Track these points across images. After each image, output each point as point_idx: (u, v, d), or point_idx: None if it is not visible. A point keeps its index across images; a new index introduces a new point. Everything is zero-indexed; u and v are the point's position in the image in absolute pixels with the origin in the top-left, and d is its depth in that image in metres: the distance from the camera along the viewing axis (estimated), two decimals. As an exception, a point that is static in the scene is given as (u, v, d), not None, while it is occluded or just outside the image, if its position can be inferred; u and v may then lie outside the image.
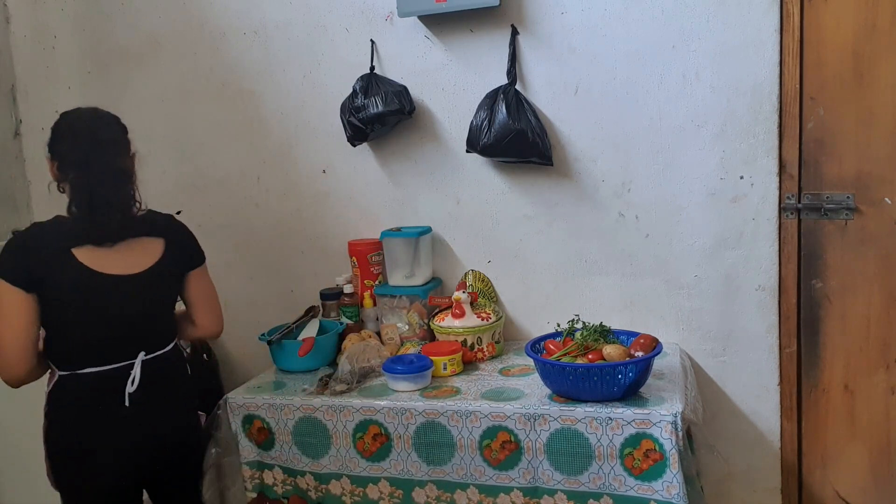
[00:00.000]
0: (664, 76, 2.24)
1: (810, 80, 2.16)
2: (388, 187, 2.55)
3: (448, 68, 2.42)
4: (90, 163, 1.74)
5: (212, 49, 2.65)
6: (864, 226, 2.18)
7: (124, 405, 1.76)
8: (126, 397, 1.76)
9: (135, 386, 1.77)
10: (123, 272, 1.76)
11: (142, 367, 1.79)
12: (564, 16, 2.30)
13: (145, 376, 1.79)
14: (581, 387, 1.89)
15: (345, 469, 2.05)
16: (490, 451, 1.94)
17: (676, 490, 1.81)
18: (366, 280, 2.48)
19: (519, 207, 2.43)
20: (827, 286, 2.23)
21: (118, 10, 2.74)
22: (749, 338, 2.28)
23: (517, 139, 2.24)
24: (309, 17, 2.53)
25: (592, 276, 2.40)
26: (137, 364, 1.79)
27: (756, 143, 2.20)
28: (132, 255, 1.79)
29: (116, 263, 1.76)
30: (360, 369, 2.17)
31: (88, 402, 1.76)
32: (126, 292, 1.77)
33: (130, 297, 1.78)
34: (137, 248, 1.80)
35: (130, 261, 1.78)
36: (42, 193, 2.95)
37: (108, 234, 1.75)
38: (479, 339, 2.28)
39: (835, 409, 2.27)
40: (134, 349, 1.80)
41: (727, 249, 2.26)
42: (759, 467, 2.34)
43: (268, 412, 2.09)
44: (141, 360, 1.79)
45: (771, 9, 2.13)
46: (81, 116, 1.82)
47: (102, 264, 1.74)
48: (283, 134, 2.63)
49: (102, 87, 2.80)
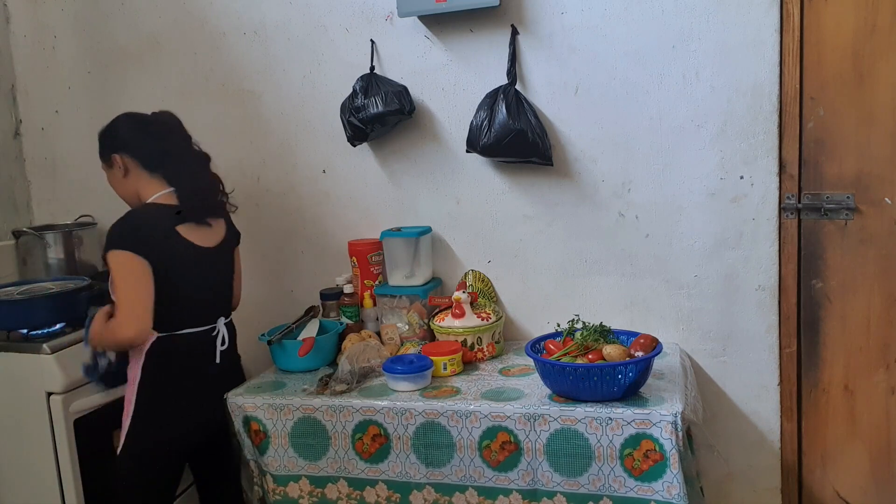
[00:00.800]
0: (664, 76, 2.24)
1: (810, 80, 2.16)
2: (388, 187, 2.55)
3: (448, 68, 2.42)
4: (185, 154, 2.07)
5: (212, 49, 2.65)
6: (864, 226, 2.18)
7: (214, 362, 2.07)
8: (217, 355, 2.07)
9: (226, 344, 2.09)
10: (209, 245, 2.06)
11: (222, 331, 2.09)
12: (564, 16, 2.30)
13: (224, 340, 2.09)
14: (581, 387, 1.89)
15: (343, 471, 2.05)
16: (490, 452, 1.94)
17: (676, 490, 1.81)
18: (366, 280, 2.48)
19: (519, 207, 2.43)
20: (827, 286, 2.23)
21: (118, 10, 2.74)
22: (749, 338, 2.28)
23: (517, 139, 2.24)
24: (309, 17, 2.53)
25: (592, 276, 2.40)
26: (221, 325, 2.09)
27: (756, 143, 2.20)
28: (212, 231, 2.09)
29: (204, 237, 2.06)
30: (360, 369, 2.16)
31: (184, 359, 2.01)
32: (211, 262, 2.08)
33: (214, 267, 2.10)
34: (214, 226, 2.11)
35: (211, 235, 2.09)
36: (42, 193, 2.96)
37: (205, 212, 2.07)
38: (479, 339, 2.28)
39: (835, 409, 2.27)
40: (216, 314, 2.10)
41: (727, 249, 2.26)
42: (759, 467, 2.34)
43: (266, 413, 2.09)
44: (223, 323, 2.10)
45: (771, 9, 2.13)
46: (159, 118, 2.09)
47: (197, 238, 2.03)
48: (283, 134, 2.63)
49: (102, 87, 2.81)
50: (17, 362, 2.19)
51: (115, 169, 2.06)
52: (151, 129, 2.06)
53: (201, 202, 2.06)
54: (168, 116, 2.10)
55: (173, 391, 1.99)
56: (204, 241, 2.05)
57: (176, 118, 2.10)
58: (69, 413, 2.17)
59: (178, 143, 2.08)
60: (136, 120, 2.08)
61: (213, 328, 2.07)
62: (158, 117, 2.09)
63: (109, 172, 2.10)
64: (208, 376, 2.07)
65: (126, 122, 2.08)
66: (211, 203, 2.10)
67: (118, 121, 2.08)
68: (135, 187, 2.06)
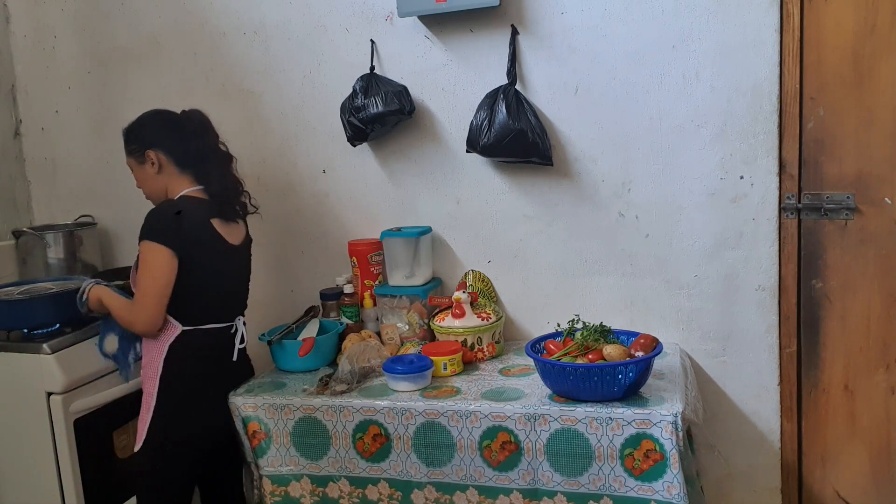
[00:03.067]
0: (664, 76, 2.24)
1: (810, 80, 2.16)
2: (388, 187, 2.55)
3: (448, 68, 2.42)
4: (215, 153, 2.12)
5: (212, 49, 2.65)
6: (864, 226, 2.18)
7: (232, 360, 2.12)
8: (235, 352, 2.12)
9: (245, 343, 2.14)
10: (235, 242, 2.12)
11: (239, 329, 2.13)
12: (564, 16, 2.30)
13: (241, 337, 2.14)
14: (581, 387, 1.89)
15: (344, 470, 2.05)
16: (490, 452, 1.94)
17: (677, 490, 1.81)
18: (366, 280, 2.48)
19: (519, 207, 2.43)
20: (827, 286, 2.23)
21: (118, 10, 2.74)
22: (749, 338, 2.28)
23: (517, 139, 2.24)
24: (309, 17, 2.53)
25: (592, 276, 2.40)
26: (240, 324, 2.14)
27: (756, 143, 2.20)
28: (238, 229, 2.16)
29: (232, 234, 2.12)
30: (361, 369, 2.16)
31: (207, 352, 2.06)
32: (237, 259, 2.16)
33: (238, 264, 2.17)
34: (240, 224, 2.18)
35: (237, 233, 2.15)
36: (42, 193, 2.96)
37: (232, 210, 2.13)
38: (480, 339, 2.28)
39: (835, 409, 2.27)
40: (236, 312, 2.16)
41: (727, 249, 2.26)
42: (759, 467, 2.34)
43: (267, 413, 2.09)
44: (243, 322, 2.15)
45: (771, 9, 2.13)
46: (191, 116, 2.12)
47: (227, 234, 2.09)
48: (283, 134, 2.63)
49: (102, 87, 2.81)
50: (17, 362, 2.18)
51: (148, 165, 2.07)
52: (186, 126, 2.09)
53: (229, 200, 2.12)
54: (200, 115, 2.13)
55: (197, 386, 2.03)
56: (232, 238, 2.11)
57: (206, 117, 2.14)
58: (69, 413, 2.16)
59: (210, 142, 2.12)
60: (170, 118, 2.12)
61: (232, 326, 2.12)
62: (191, 115, 2.12)
63: (139, 168, 2.10)
64: (227, 373, 2.13)
65: (159, 119, 2.11)
66: (237, 202, 2.15)
67: (149, 118, 2.11)
68: (165, 184, 2.08)
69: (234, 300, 2.18)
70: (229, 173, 2.15)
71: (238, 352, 2.13)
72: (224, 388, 2.13)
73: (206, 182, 2.08)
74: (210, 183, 2.08)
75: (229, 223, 2.11)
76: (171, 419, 2.00)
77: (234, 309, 2.16)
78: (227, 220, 2.11)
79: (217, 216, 2.07)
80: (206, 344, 2.06)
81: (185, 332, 2.01)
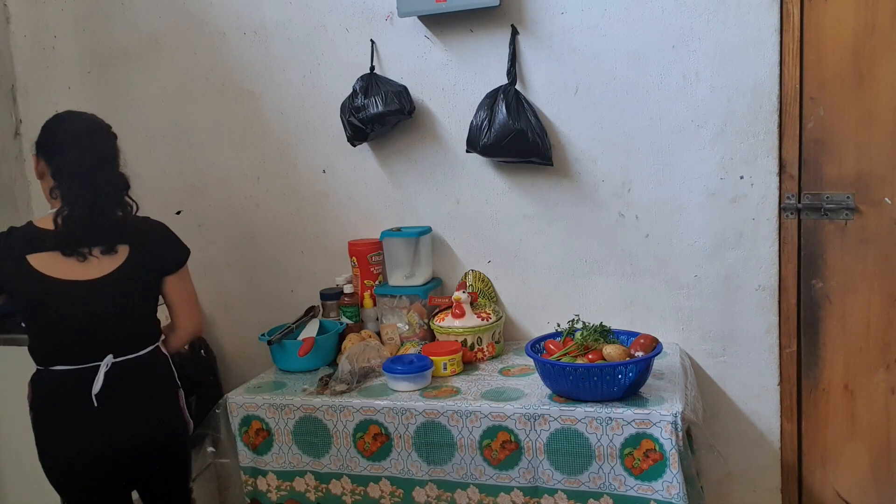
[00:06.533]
0: (664, 76, 2.24)
1: (810, 80, 2.16)
2: (388, 187, 2.55)
3: (448, 68, 2.42)
4: (94, 177, 1.80)
5: (212, 49, 2.65)
6: (864, 226, 2.18)
7: (92, 405, 1.79)
8: (93, 398, 1.79)
9: (99, 387, 1.80)
10: (81, 277, 1.80)
11: (113, 369, 1.82)
12: (564, 16, 2.30)
13: (116, 378, 1.82)
14: (581, 387, 1.89)
15: (345, 469, 2.05)
16: (490, 451, 1.94)
17: (676, 490, 1.81)
18: (366, 280, 2.48)
19: (519, 207, 2.43)
20: (827, 286, 2.23)
21: (118, 10, 2.74)
22: (749, 338, 2.28)
23: (517, 139, 2.24)
24: (309, 17, 2.53)
25: (592, 276, 2.40)
26: (102, 366, 1.81)
27: (756, 143, 2.20)
28: (98, 262, 1.82)
29: (75, 269, 1.80)
30: (360, 369, 2.17)
31: (58, 398, 1.83)
32: (84, 296, 1.80)
33: (91, 301, 1.81)
34: (99, 257, 1.83)
35: (94, 267, 1.82)
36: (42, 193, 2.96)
37: (91, 241, 1.81)
38: (479, 339, 2.28)
39: (835, 409, 2.27)
40: (102, 351, 1.82)
41: (727, 249, 2.26)
42: (759, 467, 2.34)
43: (268, 412, 2.09)
44: (110, 363, 1.81)
45: (771, 9, 2.13)
46: (81, 128, 1.86)
47: (60, 270, 1.79)
48: (283, 134, 2.63)
49: (102, 87, 2.80)
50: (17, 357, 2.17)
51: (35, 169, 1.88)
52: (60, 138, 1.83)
53: (84, 231, 1.79)
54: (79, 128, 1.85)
55: (51, 430, 1.84)
56: (72, 272, 1.79)
57: (97, 125, 1.88)
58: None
59: (89, 162, 1.80)
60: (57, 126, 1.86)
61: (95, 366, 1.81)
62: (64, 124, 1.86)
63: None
64: (96, 418, 1.80)
65: (53, 122, 1.87)
66: (99, 231, 1.81)
67: (52, 118, 1.89)
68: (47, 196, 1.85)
69: (95, 339, 1.82)
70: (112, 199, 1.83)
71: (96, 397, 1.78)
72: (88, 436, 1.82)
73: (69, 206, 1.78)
74: (73, 209, 1.78)
75: (71, 257, 1.79)
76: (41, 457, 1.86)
77: (98, 349, 1.81)
78: (75, 255, 1.79)
79: (56, 249, 1.78)
80: (58, 387, 1.82)
81: (38, 372, 1.85)
